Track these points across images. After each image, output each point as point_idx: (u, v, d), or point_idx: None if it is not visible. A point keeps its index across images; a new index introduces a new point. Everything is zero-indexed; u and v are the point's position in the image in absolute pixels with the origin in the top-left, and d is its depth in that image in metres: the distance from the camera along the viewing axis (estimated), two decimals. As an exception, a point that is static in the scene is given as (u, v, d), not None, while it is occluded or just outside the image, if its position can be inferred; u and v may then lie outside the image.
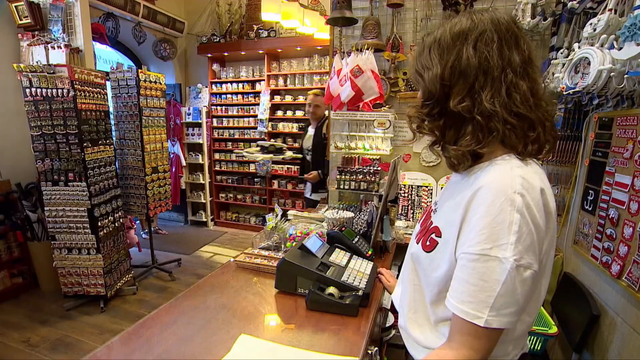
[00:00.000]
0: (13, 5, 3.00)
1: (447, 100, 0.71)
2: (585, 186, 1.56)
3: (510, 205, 0.61)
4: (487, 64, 0.67)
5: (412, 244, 0.90)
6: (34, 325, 2.71)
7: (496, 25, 0.69)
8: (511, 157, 0.69)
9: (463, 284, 0.65)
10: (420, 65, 0.76)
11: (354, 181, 2.00)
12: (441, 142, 0.77)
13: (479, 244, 0.63)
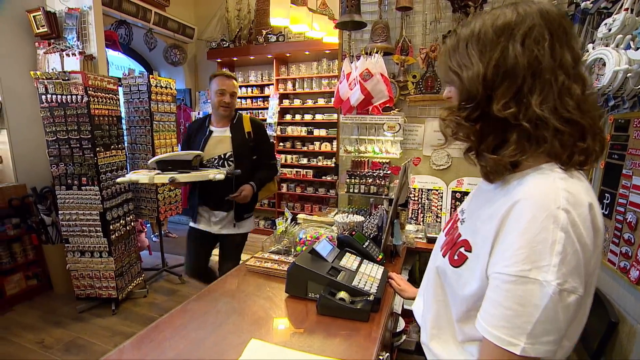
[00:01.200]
0: (31, 15, 3.08)
1: (489, 104, 0.63)
2: (601, 189, 1.52)
3: (554, 222, 0.55)
4: (537, 65, 0.60)
5: (436, 255, 0.83)
6: (47, 327, 2.75)
7: (546, 20, 0.61)
8: (553, 167, 0.62)
9: (497, 307, 0.58)
10: (456, 62, 0.67)
11: (364, 185, 1.99)
12: (477, 149, 0.68)
13: (516, 265, 0.56)
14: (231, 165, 2.11)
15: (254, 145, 2.15)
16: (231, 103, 2.12)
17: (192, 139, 2.15)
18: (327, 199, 4.85)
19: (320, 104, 4.65)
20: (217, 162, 2.13)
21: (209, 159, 2.11)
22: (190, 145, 2.16)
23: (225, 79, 2.11)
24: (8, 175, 3.16)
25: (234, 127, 2.15)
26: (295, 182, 5.00)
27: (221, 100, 2.09)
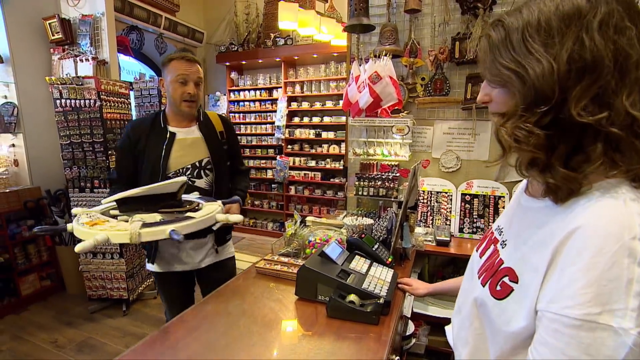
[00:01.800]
0: (47, 22, 3.17)
1: (562, 107, 0.52)
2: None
3: (629, 255, 0.45)
4: (625, 59, 0.49)
5: (474, 282, 0.72)
6: (60, 327, 2.80)
7: (624, 5, 0.50)
8: (621, 185, 0.52)
9: (558, 355, 0.48)
10: (510, 58, 0.55)
11: (373, 187, 1.99)
12: (546, 162, 0.55)
13: (581, 307, 0.46)
14: (209, 175, 1.61)
15: (227, 148, 1.70)
16: (197, 95, 1.55)
17: (139, 147, 1.53)
18: (335, 202, 4.85)
19: (328, 107, 4.66)
20: (189, 172, 1.57)
21: (177, 170, 1.55)
22: (138, 157, 1.54)
23: (187, 63, 1.51)
24: (23, 178, 3.23)
25: (203, 125, 1.63)
26: (303, 185, 5.02)
27: (184, 91, 1.51)
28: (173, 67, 1.52)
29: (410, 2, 2.10)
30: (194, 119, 1.64)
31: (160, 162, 1.53)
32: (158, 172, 1.53)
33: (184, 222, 1.01)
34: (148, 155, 1.54)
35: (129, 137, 1.57)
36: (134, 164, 1.57)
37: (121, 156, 1.63)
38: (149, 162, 1.54)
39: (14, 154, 3.20)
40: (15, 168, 3.22)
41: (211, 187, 1.64)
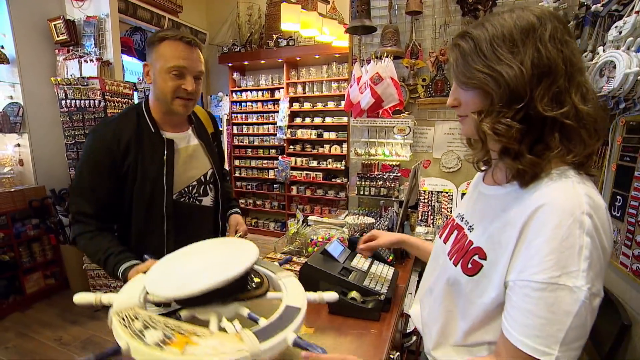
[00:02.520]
0: (52, 23, 3.21)
1: (530, 104, 0.61)
2: (613, 192, 1.52)
3: (580, 227, 0.55)
4: (571, 65, 0.61)
5: (444, 264, 0.81)
6: (65, 325, 2.83)
7: (562, 23, 0.62)
8: (570, 171, 0.62)
9: (528, 316, 0.58)
10: (483, 64, 0.63)
11: (374, 187, 2.01)
12: (517, 151, 0.65)
13: (545, 272, 0.56)
14: (212, 190, 1.35)
15: (218, 151, 1.43)
16: (195, 93, 1.16)
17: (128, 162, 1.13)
18: (336, 201, 4.87)
19: (330, 107, 4.68)
20: (196, 191, 1.28)
21: (182, 190, 1.24)
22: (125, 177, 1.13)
23: (186, 47, 1.11)
24: (28, 178, 3.27)
25: (198, 130, 1.32)
26: (305, 185, 5.04)
27: (178, 86, 1.11)
28: (165, 51, 1.10)
29: (411, 4, 2.12)
30: (188, 120, 1.30)
31: (163, 181, 1.16)
32: (161, 196, 1.16)
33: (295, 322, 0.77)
34: (143, 172, 1.14)
35: (109, 151, 1.10)
36: (118, 189, 1.13)
37: (97, 179, 1.11)
38: (146, 183, 1.14)
39: (19, 154, 3.24)
40: (20, 167, 3.25)
41: (215, 203, 1.36)
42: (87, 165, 1.12)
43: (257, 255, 0.85)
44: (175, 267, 0.87)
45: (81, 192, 1.13)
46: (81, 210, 1.12)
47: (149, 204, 1.16)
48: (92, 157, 1.12)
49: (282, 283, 0.94)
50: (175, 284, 0.78)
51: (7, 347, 2.55)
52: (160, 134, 1.19)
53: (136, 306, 0.75)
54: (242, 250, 0.88)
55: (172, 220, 1.19)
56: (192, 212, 1.28)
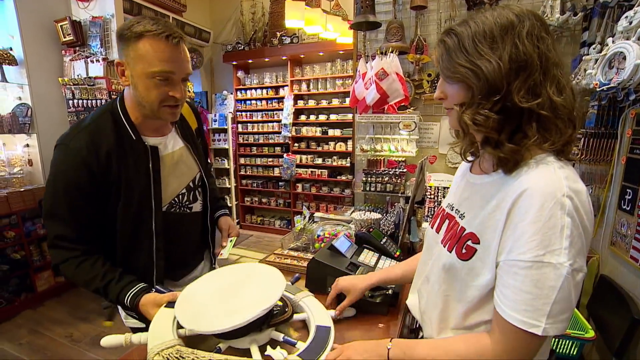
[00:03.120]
0: (59, 24, 3.24)
1: (508, 96, 0.66)
2: (623, 185, 1.50)
3: (561, 209, 0.60)
4: (546, 60, 0.65)
5: (438, 252, 0.84)
6: (75, 322, 2.88)
7: (540, 20, 0.67)
8: (550, 158, 0.67)
9: (517, 293, 0.63)
10: (466, 59, 0.68)
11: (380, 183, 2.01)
12: (497, 140, 0.70)
13: (531, 251, 0.61)
14: (201, 194, 1.24)
15: (203, 147, 1.31)
16: (184, 98, 1.02)
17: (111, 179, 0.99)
18: (342, 199, 4.87)
19: (334, 104, 4.68)
20: (186, 199, 1.17)
21: (171, 201, 1.13)
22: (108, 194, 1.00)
23: (171, 48, 0.93)
24: (37, 178, 3.31)
25: (182, 129, 1.18)
26: (310, 182, 5.05)
27: (165, 93, 0.96)
28: (147, 51, 0.91)
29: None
30: (178, 126, 1.16)
31: (151, 195, 1.04)
32: (149, 211, 1.05)
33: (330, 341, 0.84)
34: (128, 186, 1.00)
35: (87, 168, 0.94)
36: (101, 207, 1.00)
37: (75, 199, 0.96)
38: (133, 199, 1.01)
39: (28, 154, 3.28)
40: (29, 168, 3.29)
41: (204, 206, 1.25)
42: (62, 184, 0.95)
43: (285, 282, 0.90)
44: (205, 300, 0.88)
45: (57, 215, 0.96)
46: (60, 234, 0.96)
47: (137, 221, 1.04)
48: (66, 174, 0.95)
49: (304, 304, 0.99)
50: (215, 318, 0.80)
51: (21, 343, 2.60)
52: (143, 140, 1.04)
53: (176, 344, 0.78)
54: (269, 277, 0.92)
55: (161, 237, 1.08)
56: (182, 221, 1.17)
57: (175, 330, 0.83)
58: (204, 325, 0.79)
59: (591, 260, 1.75)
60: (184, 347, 0.78)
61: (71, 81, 2.88)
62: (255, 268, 0.99)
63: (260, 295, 0.85)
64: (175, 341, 0.79)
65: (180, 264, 1.22)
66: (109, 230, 1.04)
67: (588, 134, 1.68)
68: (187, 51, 1.00)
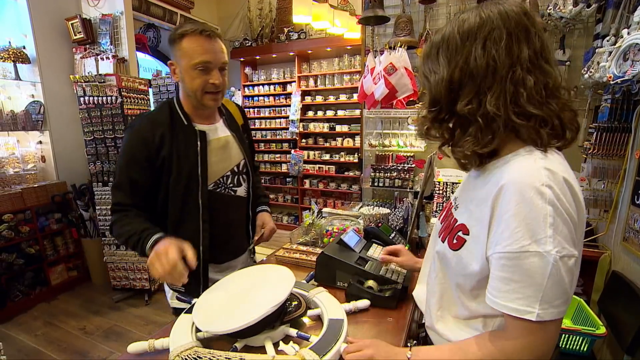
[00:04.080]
0: (69, 22, 3.28)
1: (454, 104, 0.70)
2: (636, 180, 1.48)
3: (541, 198, 0.61)
4: (494, 64, 0.66)
5: (435, 242, 0.88)
6: (88, 315, 2.94)
7: (505, 21, 0.66)
8: (532, 150, 0.67)
9: (508, 283, 0.64)
10: (428, 68, 0.73)
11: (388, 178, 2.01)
12: (449, 144, 0.75)
13: (516, 242, 0.62)
14: (246, 180, 1.36)
15: (249, 143, 1.45)
16: (223, 85, 1.19)
17: (163, 154, 1.15)
18: (349, 194, 4.87)
19: (342, 100, 4.67)
20: (230, 181, 1.30)
21: (216, 180, 1.26)
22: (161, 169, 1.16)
23: (207, 41, 1.12)
24: (50, 174, 3.37)
25: (228, 121, 1.35)
26: (317, 178, 5.05)
27: (205, 81, 1.14)
28: (188, 47, 1.12)
29: (425, -8, 2.09)
30: (218, 112, 1.32)
31: (198, 172, 1.19)
32: (196, 186, 1.19)
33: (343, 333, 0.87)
34: (178, 163, 1.16)
35: (144, 144, 1.13)
36: (155, 180, 1.16)
37: (135, 171, 1.14)
38: (182, 173, 1.17)
39: (41, 151, 3.35)
40: (42, 164, 3.36)
41: (248, 193, 1.38)
42: (125, 159, 1.16)
43: (294, 279, 0.96)
44: (219, 304, 0.95)
45: (120, 185, 1.15)
46: (119, 201, 1.15)
47: (185, 195, 1.19)
48: (129, 150, 1.15)
49: (317, 299, 1.04)
50: (227, 319, 0.86)
51: (37, 334, 2.67)
52: (193, 126, 1.21)
53: (194, 345, 0.84)
54: (280, 276, 0.99)
55: (207, 210, 1.22)
56: (227, 202, 1.30)
57: (194, 334, 0.90)
58: (219, 326, 0.85)
59: (603, 256, 1.72)
60: (201, 349, 0.83)
61: (82, 78, 2.91)
62: (265, 269, 1.06)
63: (271, 295, 0.90)
64: (193, 343, 0.85)
65: (224, 247, 1.31)
66: (161, 202, 1.19)
67: (601, 127, 1.65)
68: (223, 45, 1.17)
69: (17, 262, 2.96)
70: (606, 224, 1.77)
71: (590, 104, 2.01)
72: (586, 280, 1.93)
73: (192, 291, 1.19)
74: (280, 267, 1.05)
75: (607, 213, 1.74)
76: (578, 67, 1.98)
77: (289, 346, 0.84)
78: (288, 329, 0.94)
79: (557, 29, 1.96)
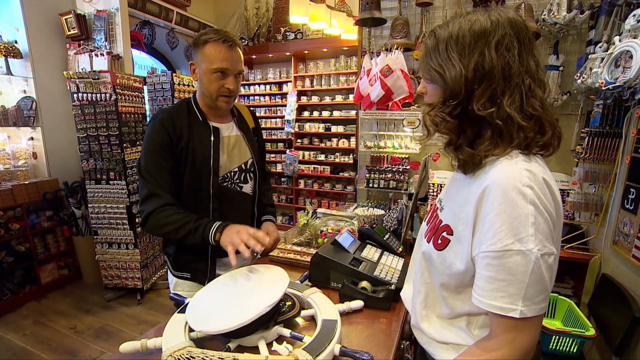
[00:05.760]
0: (63, 18, 3.24)
1: (469, 102, 0.70)
2: (626, 184, 1.51)
3: (523, 198, 0.63)
4: (508, 69, 0.67)
5: (421, 242, 0.90)
6: (79, 314, 2.90)
7: (515, 29, 0.69)
8: (515, 153, 0.69)
9: (492, 282, 0.66)
10: (437, 62, 0.73)
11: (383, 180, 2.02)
12: (456, 143, 0.75)
13: (500, 241, 0.64)
14: (252, 179, 1.46)
15: (259, 146, 1.55)
16: (236, 90, 1.31)
17: (182, 145, 1.27)
18: (344, 195, 4.88)
19: (338, 101, 4.67)
20: (237, 177, 1.41)
21: (225, 174, 1.36)
22: (179, 158, 1.28)
23: (228, 49, 1.23)
24: (42, 171, 3.33)
25: (239, 123, 1.45)
26: (312, 178, 5.05)
27: (221, 85, 1.26)
28: (209, 52, 1.22)
29: (422, -5, 2.10)
30: (230, 113, 1.44)
31: (210, 164, 1.29)
32: (208, 177, 1.30)
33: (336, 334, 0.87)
34: (194, 154, 1.27)
35: (167, 133, 1.24)
36: (176, 168, 1.28)
37: (160, 157, 1.24)
38: (196, 165, 1.28)
39: (32, 147, 3.30)
40: (34, 160, 3.31)
41: (254, 192, 1.48)
42: (151, 145, 1.25)
43: (288, 280, 0.96)
44: (213, 304, 0.95)
45: (149, 172, 1.24)
46: (151, 191, 1.23)
47: (198, 184, 1.30)
48: (154, 138, 1.25)
49: (311, 300, 1.04)
50: (220, 319, 0.86)
51: (25, 334, 2.64)
52: (208, 122, 1.34)
53: (187, 345, 0.83)
54: (274, 276, 0.99)
55: (217, 200, 1.33)
56: (233, 197, 1.40)
57: (187, 334, 0.89)
58: (212, 325, 0.85)
59: (593, 259, 1.75)
60: (194, 349, 0.82)
61: (75, 75, 2.88)
62: (259, 269, 1.06)
63: (265, 295, 0.90)
64: (186, 343, 0.84)
65: None
66: (178, 192, 1.29)
67: (592, 132, 1.68)
68: (241, 53, 1.29)
69: (7, 260, 2.91)
70: (597, 227, 1.80)
71: (583, 108, 2.03)
72: (576, 283, 1.96)
73: (200, 277, 1.36)
74: (275, 267, 1.06)
75: (598, 217, 1.77)
76: (571, 73, 2.01)
77: (282, 346, 0.84)
78: (282, 329, 0.94)
79: (551, 34, 1.99)
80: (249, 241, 1.08)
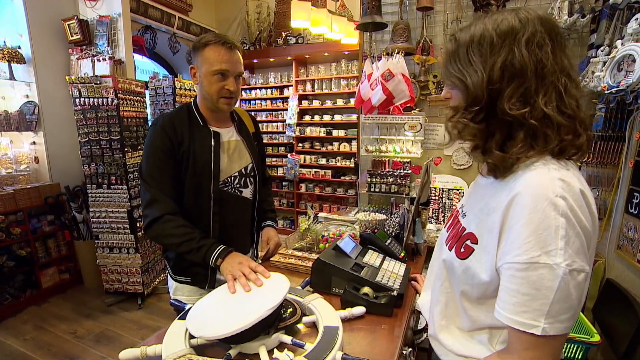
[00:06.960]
0: (66, 23, 3.27)
1: (494, 105, 0.67)
2: (630, 189, 1.49)
3: (554, 209, 0.59)
4: (542, 68, 0.64)
5: (442, 249, 0.86)
6: (79, 319, 2.89)
7: (546, 26, 0.65)
8: (548, 160, 0.65)
9: (515, 295, 0.62)
10: (457, 68, 0.70)
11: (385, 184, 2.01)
12: (484, 147, 0.71)
13: (526, 253, 0.60)
14: (252, 183, 1.45)
15: (259, 150, 1.55)
16: (237, 92, 1.31)
17: (182, 149, 1.27)
18: (345, 199, 4.87)
19: (339, 105, 4.68)
20: (237, 181, 1.40)
21: (225, 179, 1.36)
22: (180, 162, 1.27)
23: (227, 51, 1.24)
24: (43, 175, 3.34)
25: (239, 127, 1.45)
26: (313, 182, 5.05)
27: (222, 87, 1.26)
28: (209, 55, 1.23)
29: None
30: (230, 118, 1.44)
31: (211, 168, 1.29)
32: (209, 181, 1.30)
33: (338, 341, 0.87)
34: (194, 159, 1.27)
35: (168, 137, 1.24)
36: (177, 172, 1.28)
37: (162, 162, 1.24)
38: (196, 168, 1.28)
39: (34, 152, 3.31)
40: (36, 165, 3.32)
41: (254, 196, 1.47)
42: (152, 149, 1.25)
43: (289, 285, 0.96)
44: (213, 309, 0.95)
45: (152, 176, 1.24)
46: (153, 196, 1.23)
47: (198, 188, 1.30)
48: (155, 143, 1.25)
49: (312, 306, 1.03)
50: (221, 324, 0.85)
51: (26, 338, 2.63)
52: (208, 127, 1.34)
53: (187, 353, 0.83)
54: (274, 282, 0.99)
55: (217, 204, 1.33)
56: (233, 201, 1.40)
57: (187, 340, 0.89)
58: (212, 331, 0.84)
59: (597, 264, 1.73)
60: (194, 356, 0.82)
61: (78, 79, 2.89)
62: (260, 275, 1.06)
63: (265, 300, 0.89)
64: (186, 350, 0.84)
65: (230, 244, 1.33)
66: (180, 196, 1.29)
67: (595, 136, 1.67)
68: (240, 56, 1.29)
69: (8, 264, 2.91)
70: (600, 232, 1.78)
71: (585, 112, 2.03)
72: (580, 288, 1.94)
73: (200, 281, 1.35)
74: (275, 273, 1.05)
75: (602, 221, 1.75)
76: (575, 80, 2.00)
77: (283, 354, 0.83)
78: (283, 336, 0.92)
79: (552, 38, 1.98)
80: (250, 275, 1.06)
